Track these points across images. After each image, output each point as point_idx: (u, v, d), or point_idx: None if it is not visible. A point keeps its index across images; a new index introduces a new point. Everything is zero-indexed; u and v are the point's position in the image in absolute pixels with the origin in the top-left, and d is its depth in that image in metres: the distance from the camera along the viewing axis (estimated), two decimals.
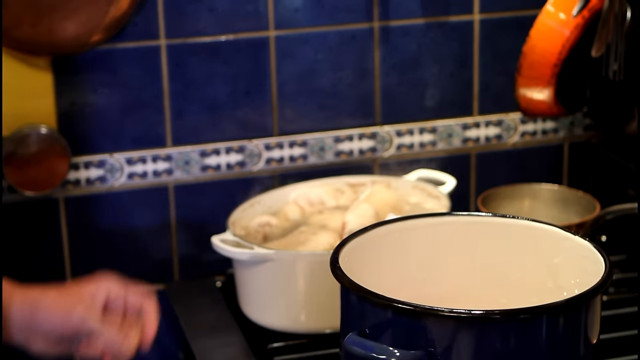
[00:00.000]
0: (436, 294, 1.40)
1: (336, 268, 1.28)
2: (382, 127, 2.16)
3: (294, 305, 1.77)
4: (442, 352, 1.20)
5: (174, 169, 2.04)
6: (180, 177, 2.05)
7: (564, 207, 2.05)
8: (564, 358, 1.25)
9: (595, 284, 1.26)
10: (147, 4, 1.98)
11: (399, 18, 2.12)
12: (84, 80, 1.99)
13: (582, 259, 1.36)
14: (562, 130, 2.26)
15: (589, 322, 1.26)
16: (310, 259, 1.74)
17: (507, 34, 2.16)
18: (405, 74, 2.14)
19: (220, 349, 1.80)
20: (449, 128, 2.19)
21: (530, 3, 2.12)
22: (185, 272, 2.12)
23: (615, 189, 2.17)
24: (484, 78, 2.19)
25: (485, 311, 1.21)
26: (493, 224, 1.47)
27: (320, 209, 1.96)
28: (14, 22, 1.85)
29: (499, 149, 2.23)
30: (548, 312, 1.22)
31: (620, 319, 1.83)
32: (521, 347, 1.22)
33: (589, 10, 1.91)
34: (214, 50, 2.02)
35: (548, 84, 1.97)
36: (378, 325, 1.23)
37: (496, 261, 1.45)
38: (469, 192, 2.24)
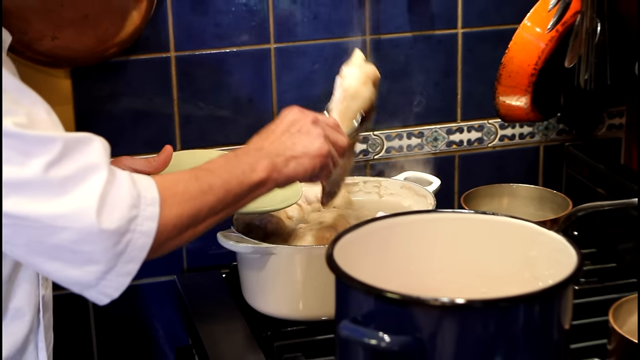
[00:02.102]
0: (423, 284, 1.40)
1: (331, 261, 1.28)
2: (373, 132, 2.16)
3: (293, 295, 1.77)
4: (428, 337, 1.19)
5: None
6: None
7: (540, 204, 2.04)
8: (539, 343, 1.24)
9: (567, 275, 1.26)
10: (158, 19, 1.97)
11: (389, 32, 2.11)
12: (100, 89, 1.99)
13: (556, 252, 1.35)
14: (538, 135, 2.26)
15: (562, 309, 1.26)
16: (308, 252, 1.74)
17: (487, 46, 2.16)
18: (395, 83, 2.14)
19: (225, 335, 1.80)
20: (435, 132, 2.19)
21: (509, 18, 2.11)
22: (193, 264, 2.12)
23: (587, 188, 2.17)
24: (466, 87, 2.19)
25: (468, 300, 1.21)
26: (475, 220, 1.46)
27: (318, 207, 1.96)
28: (36, 37, 1.84)
29: (480, 151, 2.23)
30: (525, 301, 1.22)
31: (590, 306, 1.83)
32: (500, 332, 1.21)
33: (562, 24, 1.91)
34: (219, 61, 2.02)
35: (525, 92, 1.97)
36: (369, 313, 1.23)
37: (478, 254, 1.44)
38: (453, 191, 2.24)
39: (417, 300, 1.19)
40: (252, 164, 1.41)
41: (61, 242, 1.22)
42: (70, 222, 1.21)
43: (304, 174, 1.48)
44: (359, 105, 1.70)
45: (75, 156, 1.22)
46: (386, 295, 1.20)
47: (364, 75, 1.71)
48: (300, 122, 1.50)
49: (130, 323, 2.12)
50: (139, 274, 2.10)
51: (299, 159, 1.46)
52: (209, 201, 1.34)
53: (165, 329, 2.14)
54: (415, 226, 1.45)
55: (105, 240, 1.23)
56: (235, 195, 1.38)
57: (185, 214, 1.31)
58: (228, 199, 1.37)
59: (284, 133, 1.49)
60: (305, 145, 1.48)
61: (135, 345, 2.14)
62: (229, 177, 1.37)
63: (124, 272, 1.28)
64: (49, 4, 1.81)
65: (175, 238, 1.32)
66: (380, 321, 1.22)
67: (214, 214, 1.36)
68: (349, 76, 1.72)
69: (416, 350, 1.19)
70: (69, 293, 2.05)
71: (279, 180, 1.44)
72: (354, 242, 1.38)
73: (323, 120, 1.53)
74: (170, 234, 1.30)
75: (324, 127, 1.51)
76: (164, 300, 2.12)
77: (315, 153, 1.47)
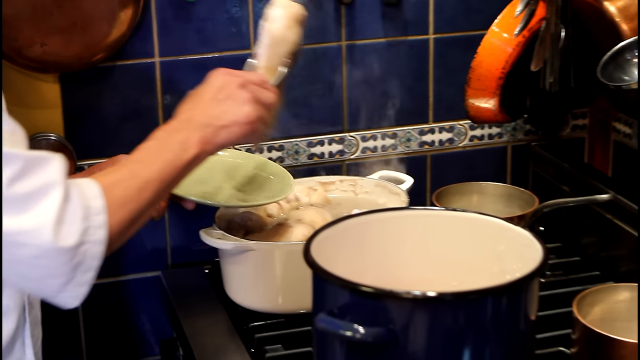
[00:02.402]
0: (396, 278, 1.40)
1: (308, 256, 1.28)
2: (349, 132, 2.16)
3: (272, 289, 1.77)
4: (401, 328, 1.20)
5: None
6: None
7: (508, 201, 2.05)
8: (507, 333, 1.25)
9: (534, 268, 1.27)
10: (143, 26, 1.97)
11: (364, 38, 2.12)
12: (87, 94, 1.98)
13: (522, 247, 1.36)
14: (505, 135, 2.27)
15: (529, 301, 1.27)
16: (287, 248, 1.74)
17: (457, 51, 2.17)
18: (369, 86, 2.14)
19: (208, 328, 1.80)
20: (408, 133, 2.20)
21: (478, 24, 2.12)
22: (177, 260, 2.11)
23: (552, 185, 2.18)
24: (437, 90, 2.19)
25: (439, 293, 1.21)
26: (446, 217, 1.47)
27: (296, 205, 1.96)
28: (26, 44, 1.84)
29: (451, 151, 2.24)
30: (493, 293, 1.23)
31: (555, 298, 1.83)
32: (470, 323, 1.22)
33: (528, 30, 1.92)
34: (201, 66, 2.02)
35: (493, 95, 1.97)
36: (345, 306, 1.23)
37: (448, 249, 1.45)
38: (425, 189, 2.24)
39: (390, 293, 1.20)
40: (183, 141, 1.38)
41: (22, 257, 1.21)
42: (30, 239, 1.20)
43: (236, 141, 1.45)
44: (286, 50, 1.62)
45: (35, 173, 1.21)
46: (361, 289, 1.21)
47: (290, 17, 1.62)
48: (228, 87, 1.45)
49: (117, 317, 2.12)
50: (126, 270, 2.11)
51: (229, 127, 1.42)
52: (148, 197, 1.33)
53: (150, 322, 2.14)
54: (389, 223, 1.46)
55: (63, 255, 1.22)
56: (171, 181, 1.37)
57: (127, 216, 1.30)
58: (164, 187, 1.35)
59: (212, 100, 1.44)
60: (235, 113, 1.43)
61: (122, 338, 2.14)
62: (163, 165, 1.35)
63: (82, 282, 1.28)
64: (38, 12, 1.81)
65: (122, 237, 1.31)
66: (355, 313, 1.22)
67: (153, 205, 1.35)
68: (274, 20, 1.62)
69: (389, 341, 1.20)
70: None
71: (211, 151, 1.42)
72: (331, 238, 1.38)
73: (250, 80, 1.48)
74: (118, 235, 1.29)
75: (252, 89, 1.46)
76: (149, 295, 2.12)
77: (245, 120, 1.44)
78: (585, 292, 1.59)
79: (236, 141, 1.45)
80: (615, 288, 1.63)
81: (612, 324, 1.58)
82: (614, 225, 1.95)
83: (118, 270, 2.09)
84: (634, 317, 1.60)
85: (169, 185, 1.37)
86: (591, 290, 1.60)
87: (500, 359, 1.25)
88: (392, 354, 1.21)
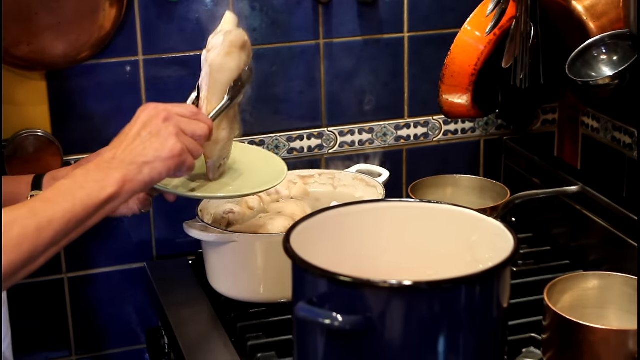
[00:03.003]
0: (373, 267, 1.40)
1: (288, 247, 1.28)
2: (328, 128, 2.15)
3: (254, 279, 1.77)
4: (378, 316, 1.19)
5: None
6: None
7: (480, 193, 2.05)
8: (480, 320, 1.25)
9: (505, 257, 1.26)
10: (127, 25, 1.96)
11: (341, 36, 2.11)
12: (73, 91, 1.97)
13: (495, 237, 1.36)
14: (478, 130, 2.27)
15: (501, 289, 1.27)
16: (267, 240, 1.73)
17: (431, 49, 2.17)
18: (347, 83, 2.14)
19: (192, 317, 1.80)
20: (384, 128, 2.19)
21: (451, 23, 2.12)
22: (162, 252, 2.11)
23: (523, 178, 2.18)
24: (412, 86, 2.19)
25: (414, 282, 1.21)
26: (421, 209, 1.46)
27: (277, 198, 1.95)
28: (12, 43, 1.83)
29: (426, 145, 2.24)
30: (466, 282, 1.22)
31: (527, 286, 1.84)
32: (444, 311, 1.22)
33: (499, 28, 1.92)
34: (184, 64, 2.01)
35: (466, 91, 1.97)
36: (323, 295, 1.22)
37: (423, 239, 1.44)
38: (401, 182, 2.24)
39: (367, 282, 1.19)
40: (101, 180, 1.32)
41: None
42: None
43: (160, 177, 1.39)
44: (227, 77, 1.54)
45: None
46: (339, 279, 1.20)
47: (228, 44, 1.52)
48: (152, 123, 1.40)
49: (104, 307, 2.11)
50: (112, 261, 2.11)
51: (152, 164, 1.37)
52: (47, 237, 1.25)
53: (136, 312, 2.13)
54: (367, 214, 1.45)
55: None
56: (80, 220, 1.29)
57: (19, 258, 1.22)
58: (70, 226, 1.28)
59: (136, 138, 1.39)
60: (157, 149, 1.38)
61: (109, 328, 2.12)
62: (72, 205, 1.28)
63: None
64: (24, 12, 1.80)
65: (10, 279, 1.23)
66: (334, 302, 1.21)
67: (53, 246, 1.27)
68: (213, 47, 1.54)
69: (367, 328, 1.19)
70: (47, 280, 2.04)
71: (134, 188, 1.36)
72: (310, 229, 1.37)
73: (177, 113, 1.42)
74: (9, 275, 1.22)
75: (177, 122, 1.41)
76: (135, 286, 2.11)
77: (167, 155, 1.38)
78: (556, 280, 1.59)
79: (159, 177, 1.39)
80: (584, 276, 1.63)
81: (581, 310, 1.59)
82: (583, 216, 1.95)
83: (104, 262, 2.08)
84: (603, 304, 1.61)
85: (76, 225, 1.29)
86: (561, 279, 1.60)
87: (474, 345, 1.25)
88: (370, 341, 1.21)
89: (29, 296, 2.03)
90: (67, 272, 2.06)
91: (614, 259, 1.86)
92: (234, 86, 1.55)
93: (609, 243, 1.88)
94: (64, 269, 2.05)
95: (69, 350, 2.11)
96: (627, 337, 1.46)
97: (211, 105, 1.54)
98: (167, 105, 1.43)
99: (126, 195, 1.35)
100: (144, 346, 2.13)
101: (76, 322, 2.10)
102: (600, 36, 1.79)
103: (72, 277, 2.06)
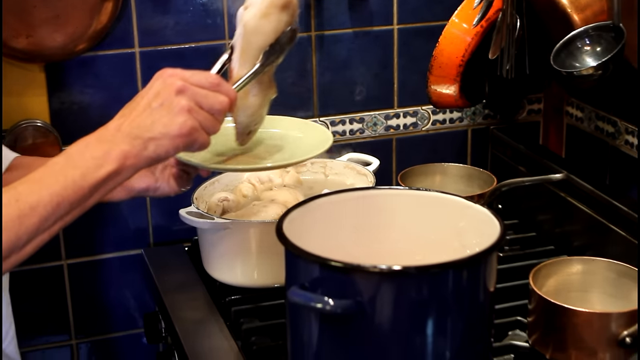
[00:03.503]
0: (363, 253, 1.40)
1: (281, 234, 1.28)
2: (319, 117, 2.15)
3: (248, 265, 1.76)
4: (368, 300, 1.19)
5: None
6: None
7: (468, 181, 2.05)
8: (467, 304, 1.25)
9: (492, 243, 1.26)
10: (124, 18, 1.95)
11: (332, 28, 2.11)
12: (71, 82, 1.96)
13: (481, 223, 1.36)
14: (466, 119, 2.27)
15: (488, 274, 1.27)
16: (261, 227, 1.73)
17: (420, 40, 2.16)
18: (338, 74, 2.14)
19: (188, 302, 1.80)
20: (374, 118, 2.19)
21: (439, 15, 2.12)
22: (159, 239, 2.10)
23: (509, 166, 2.18)
24: (402, 77, 2.19)
25: (403, 267, 1.21)
26: (410, 196, 1.46)
27: (270, 186, 1.95)
28: (12, 35, 1.82)
29: (415, 134, 2.23)
30: (454, 266, 1.23)
31: (513, 271, 1.84)
32: (433, 295, 1.22)
33: (486, 20, 1.91)
34: (179, 56, 2.01)
35: (454, 81, 1.97)
36: (315, 280, 1.22)
37: (413, 226, 1.44)
38: (391, 170, 2.24)
39: (357, 267, 1.19)
40: (100, 157, 1.19)
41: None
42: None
43: (167, 154, 1.24)
44: (262, 41, 1.36)
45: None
46: (330, 264, 1.20)
47: (267, 4, 1.33)
48: (164, 93, 1.24)
49: (102, 292, 2.11)
50: (111, 248, 2.10)
51: (158, 140, 1.22)
52: (31, 223, 1.14)
53: (134, 297, 2.13)
54: (357, 202, 1.45)
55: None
56: (73, 203, 1.17)
57: (4, 245, 1.12)
58: (60, 210, 1.16)
59: (146, 109, 1.23)
60: (165, 124, 1.22)
61: (108, 312, 2.12)
62: (63, 187, 1.16)
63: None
64: (22, 4, 1.79)
65: (5, 264, 1.14)
66: (325, 287, 1.21)
67: (41, 232, 1.16)
68: (250, 5, 1.34)
69: (357, 312, 1.19)
70: (47, 266, 2.04)
71: (138, 164, 1.22)
72: (302, 216, 1.37)
73: (194, 83, 1.26)
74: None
75: (192, 94, 1.24)
76: (133, 272, 2.10)
77: (176, 133, 1.22)
78: (541, 265, 1.59)
79: (166, 154, 1.24)
80: (568, 261, 1.63)
81: (566, 294, 1.59)
82: (567, 203, 1.95)
83: (103, 248, 2.08)
84: (586, 287, 1.62)
85: (72, 207, 1.18)
86: (546, 264, 1.60)
87: (462, 328, 1.25)
88: (361, 325, 1.21)
89: (30, 282, 2.03)
90: (67, 259, 2.06)
91: (597, 244, 1.86)
92: (269, 50, 1.36)
93: (593, 229, 1.88)
94: (64, 255, 2.05)
95: (68, 335, 2.11)
96: (610, 319, 1.47)
97: (243, 69, 1.37)
98: (185, 73, 1.26)
99: (128, 172, 1.22)
100: (141, 330, 2.12)
101: (76, 308, 2.09)
102: (584, 28, 1.79)
103: (72, 263, 2.06)
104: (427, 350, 1.23)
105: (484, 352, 1.31)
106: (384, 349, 1.22)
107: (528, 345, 1.56)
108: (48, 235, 1.18)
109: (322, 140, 1.57)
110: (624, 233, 1.79)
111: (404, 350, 1.23)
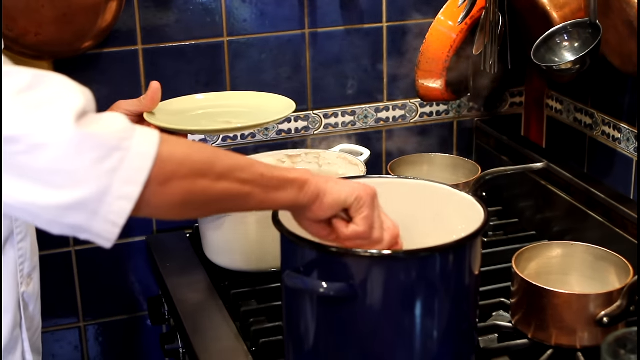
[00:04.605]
0: None
1: (277, 220, 1.28)
2: (313, 111, 2.15)
3: (247, 250, 1.76)
4: (359, 283, 1.19)
5: None
6: None
7: (454, 170, 2.05)
8: (453, 286, 1.25)
9: (476, 228, 1.27)
10: (127, 16, 1.95)
11: (325, 26, 2.10)
12: (78, 79, 1.93)
13: (467, 210, 1.36)
14: (452, 112, 2.26)
15: (473, 258, 1.27)
16: (258, 214, 1.73)
17: (408, 37, 2.16)
18: (330, 69, 2.13)
19: (189, 286, 1.79)
20: (365, 111, 2.19)
21: (426, 13, 2.11)
22: (162, 227, 2.10)
23: (493, 156, 2.18)
24: (391, 72, 2.18)
25: (393, 251, 1.21)
26: (399, 184, 1.46)
27: None
28: (21, 33, 1.81)
29: (404, 126, 2.23)
30: (441, 251, 1.23)
31: (496, 255, 1.84)
32: (421, 278, 1.22)
33: (470, 18, 1.91)
34: (180, 52, 2.00)
35: (440, 76, 1.97)
36: (309, 264, 1.23)
37: (402, 212, 1.44)
38: (381, 160, 2.23)
39: (349, 252, 1.19)
40: (300, 185, 1.18)
41: (41, 163, 0.93)
42: (46, 136, 0.93)
43: (331, 211, 1.22)
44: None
45: (47, 84, 0.98)
46: (324, 249, 1.20)
47: None
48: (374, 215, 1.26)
49: (109, 277, 2.10)
50: None
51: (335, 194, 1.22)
52: (218, 189, 1.09)
53: (139, 281, 2.13)
54: None
55: (90, 151, 0.94)
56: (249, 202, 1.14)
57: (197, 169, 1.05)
58: (232, 201, 1.13)
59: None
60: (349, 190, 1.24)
61: (114, 296, 2.12)
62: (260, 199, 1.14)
63: (122, 195, 0.97)
64: (31, 4, 1.78)
65: (179, 181, 1.03)
66: (319, 270, 1.22)
67: (210, 207, 1.14)
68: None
69: (349, 294, 1.20)
70: (57, 252, 2.04)
71: (319, 190, 1.20)
72: None
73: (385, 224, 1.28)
74: (172, 168, 1.01)
75: (383, 225, 1.27)
76: (137, 258, 2.10)
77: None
78: (523, 249, 1.59)
79: (331, 211, 1.22)
80: (549, 246, 1.63)
81: (546, 277, 1.59)
82: (548, 191, 1.95)
83: None
84: (566, 270, 1.62)
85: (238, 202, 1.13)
86: (528, 248, 1.60)
87: (449, 309, 1.25)
88: (353, 306, 1.21)
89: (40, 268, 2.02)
90: (75, 246, 2.05)
91: (576, 229, 1.86)
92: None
93: (572, 215, 1.88)
94: (72, 242, 2.04)
95: (77, 317, 2.10)
96: (588, 300, 1.47)
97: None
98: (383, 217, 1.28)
99: (313, 189, 1.19)
100: (145, 313, 2.12)
101: (84, 292, 2.09)
102: (562, 24, 1.79)
103: (79, 249, 2.06)
104: (415, 329, 1.23)
105: (470, 332, 1.32)
106: (375, 329, 1.22)
107: (511, 325, 1.56)
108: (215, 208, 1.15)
109: (286, 107, 1.63)
110: (601, 219, 1.79)
111: (394, 329, 1.23)
